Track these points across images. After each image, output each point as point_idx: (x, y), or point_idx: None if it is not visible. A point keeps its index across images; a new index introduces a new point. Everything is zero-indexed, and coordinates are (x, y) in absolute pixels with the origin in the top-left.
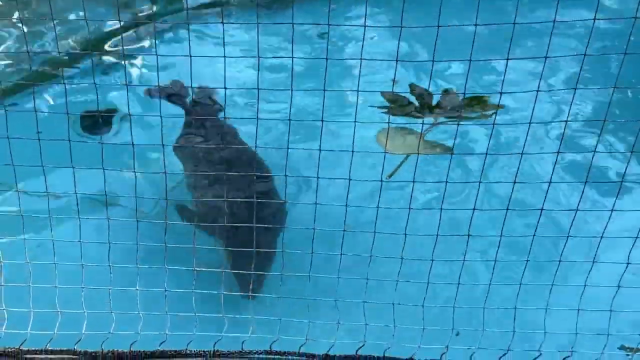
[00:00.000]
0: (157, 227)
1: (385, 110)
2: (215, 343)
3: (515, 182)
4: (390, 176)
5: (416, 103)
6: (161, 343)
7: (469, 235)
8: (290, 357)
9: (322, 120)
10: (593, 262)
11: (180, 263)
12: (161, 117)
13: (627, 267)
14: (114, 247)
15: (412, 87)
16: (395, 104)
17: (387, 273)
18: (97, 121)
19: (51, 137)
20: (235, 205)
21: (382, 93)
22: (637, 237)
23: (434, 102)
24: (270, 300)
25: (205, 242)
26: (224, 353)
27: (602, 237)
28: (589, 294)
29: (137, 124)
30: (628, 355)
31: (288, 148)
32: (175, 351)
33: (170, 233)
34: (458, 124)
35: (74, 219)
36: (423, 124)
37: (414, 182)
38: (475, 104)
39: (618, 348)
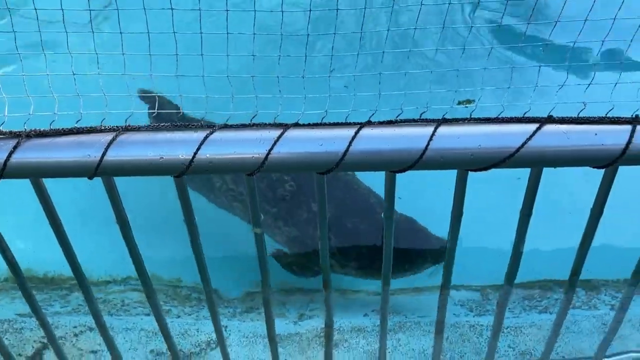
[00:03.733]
0: None
1: None
2: (127, 119)
3: None
4: None
5: None
6: (77, 121)
7: None
8: (211, 125)
9: None
10: None
11: None
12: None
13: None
14: None
15: None
16: None
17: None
18: None
19: None
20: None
21: None
22: None
23: None
24: None
25: None
26: (135, 127)
27: None
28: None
29: None
30: (466, 107)
31: None
32: (90, 127)
33: None
34: None
35: None
36: None
37: None
38: None
39: (457, 104)
